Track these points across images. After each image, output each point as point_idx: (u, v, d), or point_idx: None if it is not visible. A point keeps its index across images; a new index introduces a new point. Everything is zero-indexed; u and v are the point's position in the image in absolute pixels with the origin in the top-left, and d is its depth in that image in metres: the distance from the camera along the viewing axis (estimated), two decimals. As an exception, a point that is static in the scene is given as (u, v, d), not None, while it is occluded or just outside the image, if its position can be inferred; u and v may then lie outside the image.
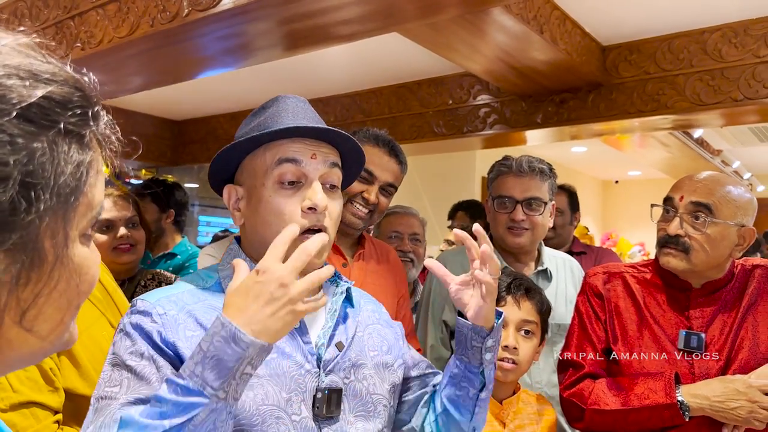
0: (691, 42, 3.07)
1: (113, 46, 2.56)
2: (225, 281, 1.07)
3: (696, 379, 1.48)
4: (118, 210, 2.22)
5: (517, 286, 1.58)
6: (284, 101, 1.10)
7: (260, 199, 1.04)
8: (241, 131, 1.11)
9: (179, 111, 5.29)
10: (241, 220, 1.09)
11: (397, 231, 2.56)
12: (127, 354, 0.95)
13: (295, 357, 1.03)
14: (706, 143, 6.14)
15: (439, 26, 2.57)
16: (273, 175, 1.03)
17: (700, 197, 1.49)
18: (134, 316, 0.99)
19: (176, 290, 1.05)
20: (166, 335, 0.96)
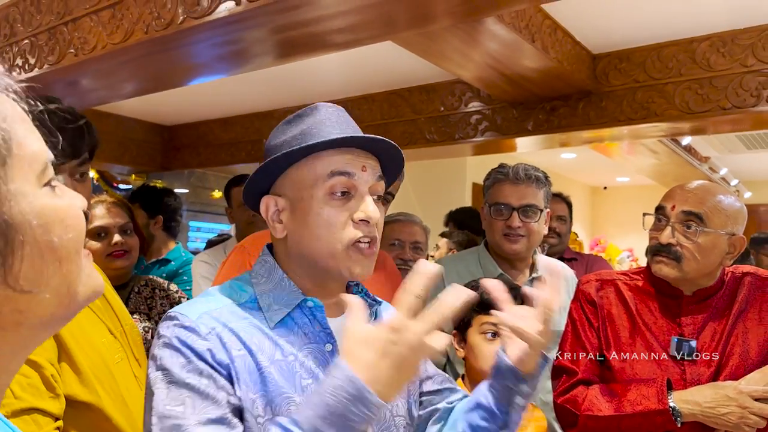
0: (680, 51, 3.11)
1: (107, 53, 2.56)
2: (263, 298, 1.03)
3: (688, 386, 1.50)
4: (112, 217, 2.23)
5: (513, 296, 1.59)
6: (325, 110, 1.07)
7: (309, 210, 1.02)
8: (277, 140, 1.06)
9: (170, 116, 5.28)
10: (283, 232, 1.05)
11: (399, 239, 2.56)
12: (184, 372, 0.91)
13: None
14: (694, 150, 6.21)
15: (433, 35, 2.59)
16: (324, 186, 1.01)
17: (692, 207, 1.51)
18: (179, 330, 0.95)
19: (214, 305, 1.01)
20: (217, 356, 0.93)
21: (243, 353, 0.95)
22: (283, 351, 0.99)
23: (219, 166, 5.31)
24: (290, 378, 0.97)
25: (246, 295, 1.04)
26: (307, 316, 1.04)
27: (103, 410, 1.31)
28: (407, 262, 2.50)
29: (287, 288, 1.04)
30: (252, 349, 0.96)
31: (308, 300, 1.04)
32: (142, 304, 2.32)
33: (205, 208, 6.14)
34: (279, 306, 1.02)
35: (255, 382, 0.95)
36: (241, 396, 0.93)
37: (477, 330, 1.61)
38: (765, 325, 1.53)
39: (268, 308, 1.02)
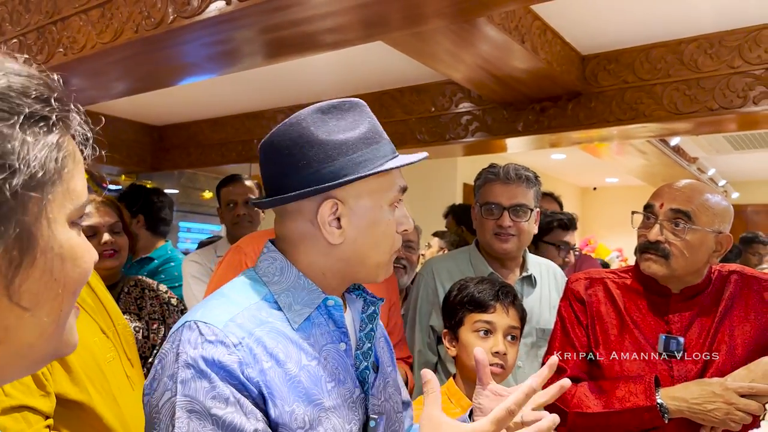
0: (668, 52, 3.14)
1: (96, 52, 2.55)
2: (281, 298, 1.00)
3: (675, 382, 1.52)
4: (101, 216, 2.22)
5: (505, 294, 1.64)
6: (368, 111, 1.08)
7: (378, 220, 1.03)
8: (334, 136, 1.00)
9: (160, 116, 5.26)
10: (341, 237, 1.01)
11: None
12: (209, 400, 0.85)
13: (348, 383, 1.00)
14: (682, 151, 6.26)
15: (423, 36, 2.60)
16: (391, 198, 1.04)
17: (680, 205, 1.54)
18: (207, 347, 0.89)
19: (235, 308, 0.96)
20: (248, 373, 0.89)
21: (271, 364, 0.92)
22: (307, 355, 0.97)
23: (209, 167, 5.30)
24: (317, 382, 0.96)
25: (260, 294, 1.00)
26: (323, 316, 1.02)
27: (93, 409, 1.30)
28: (400, 260, 2.54)
29: (306, 287, 1.01)
30: (279, 359, 0.93)
31: (329, 298, 1.02)
32: (132, 304, 2.31)
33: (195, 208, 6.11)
34: (300, 306, 1.00)
35: (288, 393, 0.92)
36: (278, 413, 0.90)
37: (470, 328, 1.63)
38: (751, 322, 1.55)
39: (289, 308, 0.99)
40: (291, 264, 1.02)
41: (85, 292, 1.53)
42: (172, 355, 0.90)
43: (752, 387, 1.42)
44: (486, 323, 1.59)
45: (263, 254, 1.06)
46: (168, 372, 0.89)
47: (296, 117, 1.02)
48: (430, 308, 2.06)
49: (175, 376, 0.88)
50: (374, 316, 1.09)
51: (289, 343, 0.96)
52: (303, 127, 1.00)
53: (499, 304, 1.61)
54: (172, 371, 0.89)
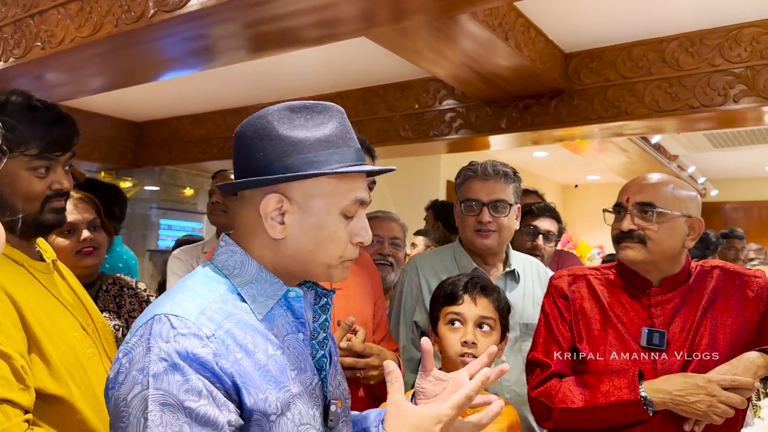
0: (650, 50, 3.16)
1: (75, 46, 2.51)
2: (245, 290, 1.01)
3: (659, 375, 1.53)
4: (80, 212, 2.18)
5: (473, 285, 1.66)
6: (339, 115, 1.05)
7: (323, 224, 1.02)
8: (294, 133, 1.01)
9: (140, 112, 5.20)
10: (282, 234, 1.02)
11: (378, 235, 2.60)
12: (182, 393, 0.86)
13: (308, 371, 1.03)
14: (663, 149, 6.32)
15: (407, 31, 2.59)
16: (343, 206, 1.03)
17: (644, 197, 1.60)
18: (181, 341, 0.89)
19: (202, 300, 0.96)
20: (222, 364, 0.90)
21: (242, 355, 0.93)
22: (272, 344, 0.99)
23: (191, 163, 5.26)
24: (283, 370, 0.98)
25: (224, 286, 1.01)
26: (282, 307, 1.04)
27: (73, 404, 1.28)
28: (386, 256, 2.57)
29: (268, 279, 1.03)
30: (249, 349, 0.95)
31: (291, 290, 1.04)
32: (110, 302, 2.27)
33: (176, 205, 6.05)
34: (264, 298, 1.01)
35: (262, 380, 0.94)
36: (253, 401, 0.91)
37: (443, 321, 1.64)
38: (732, 317, 1.57)
39: (253, 300, 1.01)
40: (250, 257, 1.04)
41: (64, 289, 1.51)
42: (142, 349, 0.90)
43: (734, 380, 1.44)
44: (455, 314, 1.63)
45: (221, 247, 1.06)
46: (138, 365, 0.89)
47: (265, 110, 1.04)
48: (414, 304, 2.06)
49: (146, 370, 0.87)
50: (327, 307, 1.11)
51: (256, 334, 0.97)
52: (268, 121, 1.02)
53: (467, 294, 1.64)
54: (142, 365, 0.88)
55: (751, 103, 2.92)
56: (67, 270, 1.62)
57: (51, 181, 1.43)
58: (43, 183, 1.41)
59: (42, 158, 1.39)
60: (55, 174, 1.43)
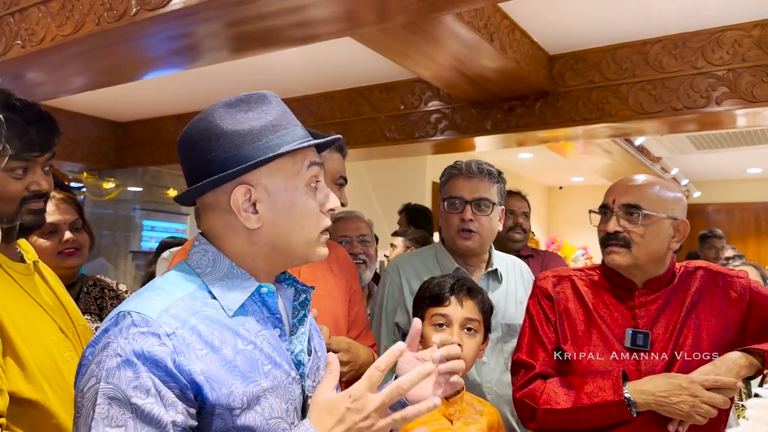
0: (634, 53, 3.18)
1: (56, 45, 2.48)
2: (215, 287, 1.01)
3: (642, 376, 1.53)
4: (61, 213, 2.15)
5: (460, 286, 1.65)
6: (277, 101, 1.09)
7: (294, 202, 1.04)
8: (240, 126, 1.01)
9: (123, 112, 5.15)
10: (258, 222, 1.02)
11: (345, 235, 2.61)
12: (130, 389, 0.87)
13: (284, 366, 1.03)
14: (646, 151, 6.37)
15: (392, 32, 2.59)
16: (305, 177, 1.05)
17: (630, 199, 1.59)
18: (138, 339, 0.89)
19: (168, 299, 0.96)
20: (180, 361, 0.90)
21: (206, 351, 0.93)
22: (243, 340, 0.99)
23: (174, 164, 5.21)
24: (254, 365, 0.98)
25: (194, 284, 1.01)
26: (256, 303, 1.05)
27: (48, 408, 1.26)
28: (357, 255, 2.55)
29: (240, 275, 1.03)
30: (215, 345, 0.95)
31: (263, 286, 1.04)
32: (92, 304, 2.24)
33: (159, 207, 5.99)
34: (235, 294, 1.01)
35: (227, 376, 0.94)
36: (216, 396, 0.92)
37: (428, 322, 1.63)
38: (716, 317, 1.58)
39: (223, 297, 1.00)
40: (223, 255, 1.04)
41: (45, 292, 1.48)
42: (102, 343, 0.92)
43: (717, 380, 1.44)
44: (441, 316, 1.62)
45: (195, 247, 1.07)
46: (96, 359, 0.91)
47: (204, 112, 1.05)
48: (396, 305, 2.05)
49: (101, 364, 0.89)
50: (306, 303, 1.12)
51: (224, 330, 0.97)
52: (209, 121, 1.03)
53: (454, 296, 1.63)
54: (99, 358, 0.90)
55: (733, 106, 2.95)
56: (50, 271, 1.59)
57: (29, 182, 1.40)
58: (20, 184, 1.38)
59: (19, 159, 1.36)
60: (33, 175, 1.40)
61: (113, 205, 5.87)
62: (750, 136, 5.88)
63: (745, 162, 7.70)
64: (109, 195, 5.84)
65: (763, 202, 8.85)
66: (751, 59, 2.88)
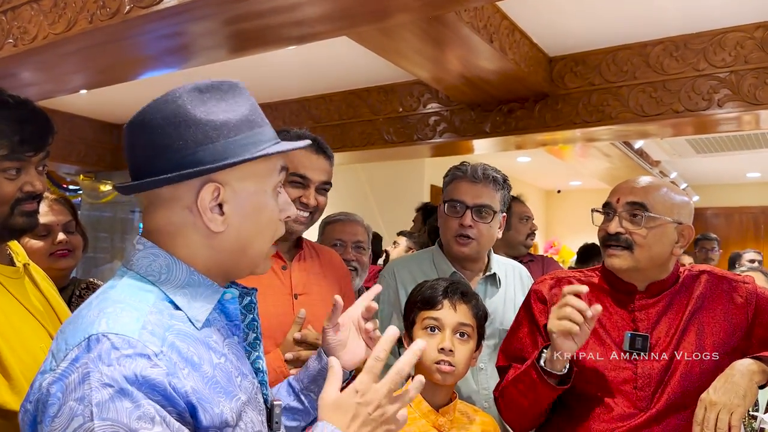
0: (634, 54, 3.15)
1: (48, 43, 2.45)
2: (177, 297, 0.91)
3: (638, 380, 1.49)
4: (55, 214, 2.11)
5: (454, 290, 1.61)
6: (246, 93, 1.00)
7: (262, 206, 0.96)
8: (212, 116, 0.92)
9: (120, 114, 5.12)
10: (223, 225, 0.93)
11: (341, 239, 2.48)
12: (134, 421, 0.76)
13: (249, 376, 0.99)
14: (645, 154, 6.34)
15: (390, 32, 2.56)
16: (274, 182, 0.98)
17: (636, 197, 1.54)
18: (126, 364, 0.79)
19: (139, 313, 0.86)
20: (174, 382, 0.81)
21: (188, 370, 0.85)
22: (216, 353, 0.92)
23: (171, 166, 5.18)
24: (230, 379, 0.92)
25: (152, 296, 0.90)
26: (216, 311, 0.97)
27: None
28: (350, 262, 2.41)
29: (203, 283, 0.94)
30: (194, 362, 0.86)
31: (227, 292, 0.98)
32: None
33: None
34: (201, 303, 0.93)
35: (213, 393, 0.87)
36: (210, 418, 0.85)
37: (420, 326, 1.59)
38: (721, 322, 1.53)
39: (189, 307, 0.91)
40: (177, 259, 0.93)
41: (34, 296, 1.44)
42: (78, 375, 0.78)
43: None
44: (433, 320, 1.57)
45: (138, 251, 0.94)
46: (75, 395, 0.77)
47: (171, 94, 0.94)
48: (391, 310, 2.01)
49: (87, 399, 0.77)
50: (252, 306, 1.05)
51: (198, 344, 0.89)
52: (179, 105, 0.92)
53: (447, 300, 1.58)
54: (81, 394, 0.77)
55: (735, 108, 2.92)
56: (41, 274, 1.55)
57: (22, 183, 1.35)
58: (13, 185, 1.33)
59: (12, 159, 1.31)
60: (27, 175, 1.36)
61: (110, 208, 5.84)
62: (750, 140, 5.85)
63: (744, 166, 7.68)
64: (106, 197, 5.81)
65: (762, 206, 8.82)
66: (753, 61, 2.85)
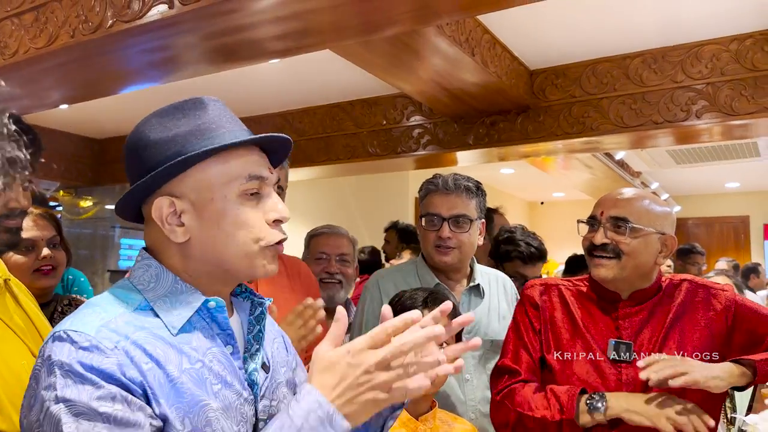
0: (614, 67, 3.20)
1: (29, 58, 2.43)
2: (158, 304, 0.95)
3: (624, 386, 1.52)
4: (39, 229, 2.08)
5: (433, 299, 1.62)
6: (215, 105, 1.02)
7: (222, 212, 0.96)
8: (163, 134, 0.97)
9: (100, 129, 5.09)
10: (185, 236, 0.96)
11: (324, 252, 2.42)
12: (94, 401, 0.82)
13: (235, 386, 0.97)
14: (627, 165, 6.41)
15: (373, 46, 2.57)
16: (237, 188, 0.96)
17: (619, 212, 1.58)
18: (81, 354, 0.85)
19: (105, 314, 0.91)
20: (129, 373, 0.86)
21: (151, 366, 0.88)
22: (189, 358, 0.93)
23: (153, 181, 5.15)
24: (202, 385, 0.92)
25: (135, 302, 0.95)
26: (205, 319, 0.98)
27: None
28: (334, 275, 2.38)
29: (184, 290, 0.97)
30: (160, 361, 0.89)
31: (210, 300, 0.98)
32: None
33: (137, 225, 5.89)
34: (179, 310, 0.95)
35: (169, 395, 0.88)
36: (162, 411, 0.87)
37: None
38: (701, 329, 1.57)
39: (167, 313, 0.94)
40: (166, 269, 0.98)
41: (15, 312, 1.41)
42: (45, 369, 0.86)
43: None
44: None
45: (138, 262, 1.00)
46: (43, 384, 0.85)
47: (140, 122, 1.01)
48: (377, 322, 1.99)
49: (51, 387, 0.83)
50: (261, 318, 1.06)
51: (168, 348, 0.92)
52: (140, 131, 0.99)
53: (427, 310, 1.57)
54: (47, 383, 0.84)
55: (712, 119, 2.97)
56: (23, 289, 1.52)
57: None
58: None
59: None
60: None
61: (91, 224, 5.77)
62: (728, 151, 5.95)
63: (723, 176, 7.80)
64: (86, 213, 5.75)
65: (741, 216, 8.95)
66: (729, 73, 2.91)
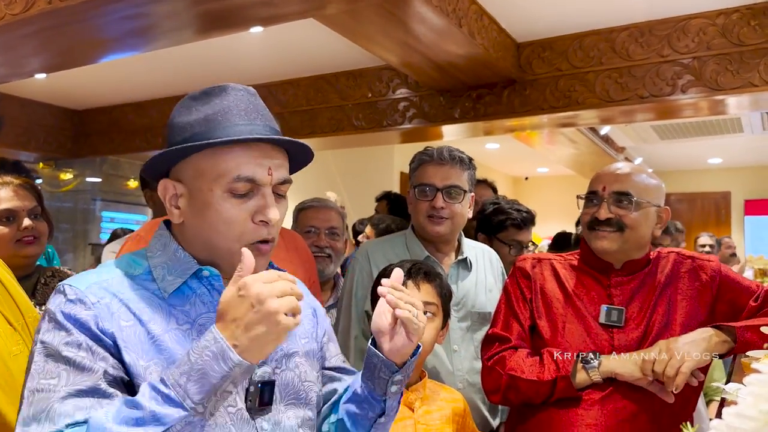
0: (601, 40, 3.18)
1: (5, 24, 2.36)
2: (157, 270, 1.03)
3: (616, 351, 1.58)
4: (20, 199, 2.04)
5: (417, 270, 1.65)
6: (234, 93, 1.03)
7: (208, 204, 1.00)
8: (182, 118, 1.03)
9: (80, 100, 4.99)
10: (180, 218, 1.04)
11: (314, 225, 2.42)
12: (62, 345, 0.92)
13: None
14: (611, 140, 6.43)
15: (358, 14, 2.53)
16: (225, 185, 0.99)
17: (621, 187, 1.64)
18: (67, 305, 0.95)
19: (106, 275, 1.01)
20: (102, 324, 0.94)
21: (132, 323, 0.96)
22: (177, 320, 1.00)
23: (134, 153, 5.07)
24: (186, 345, 0.97)
25: (140, 268, 1.04)
26: (205, 286, 1.05)
27: None
28: (323, 248, 2.39)
29: (182, 259, 1.04)
30: (143, 319, 0.97)
31: (204, 269, 1.03)
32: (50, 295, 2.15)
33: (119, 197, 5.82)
34: (173, 276, 1.03)
35: (147, 350, 0.95)
36: (131, 362, 0.94)
37: None
38: (688, 299, 1.63)
39: (162, 279, 1.02)
40: (173, 239, 1.06)
41: (-10, 283, 1.40)
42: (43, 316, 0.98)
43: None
44: None
45: (155, 232, 1.10)
46: (38, 328, 0.97)
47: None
48: (366, 293, 2.00)
49: (39, 330, 0.96)
50: None
51: (158, 308, 1.00)
52: (172, 112, 1.06)
53: (411, 281, 1.62)
54: (39, 326, 0.97)
55: (698, 94, 2.97)
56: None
57: None
58: None
59: None
60: None
61: (71, 197, 5.69)
62: (712, 126, 5.98)
63: (706, 152, 7.86)
64: (66, 186, 5.67)
65: (722, 191, 9.04)
66: (715, 47, 2.91)
